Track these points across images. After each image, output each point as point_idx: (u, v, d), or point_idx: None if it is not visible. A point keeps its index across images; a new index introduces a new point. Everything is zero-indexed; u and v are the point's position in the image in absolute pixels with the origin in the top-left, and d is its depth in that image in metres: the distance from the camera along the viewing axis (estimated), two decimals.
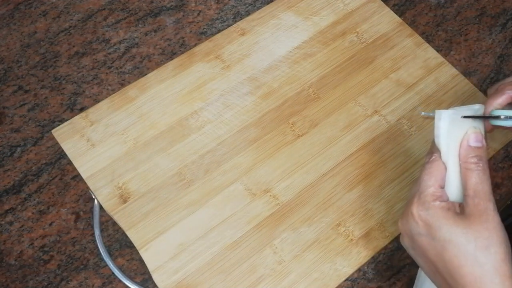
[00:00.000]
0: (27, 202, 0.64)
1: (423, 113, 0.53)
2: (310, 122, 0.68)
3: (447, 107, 0.69)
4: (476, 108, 0.51)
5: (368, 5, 0.76)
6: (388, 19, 0.76)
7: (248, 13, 0.76)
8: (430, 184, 0.49)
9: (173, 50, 0.74)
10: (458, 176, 0.49)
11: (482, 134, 0.49)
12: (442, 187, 0.49)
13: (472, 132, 0.49)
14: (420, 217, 0.48)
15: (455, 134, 0.49)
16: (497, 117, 0.51)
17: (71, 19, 0.76)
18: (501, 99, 0.53)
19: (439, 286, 0.49)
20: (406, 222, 0.50)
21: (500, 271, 0.45)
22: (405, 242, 0.52)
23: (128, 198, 0.63)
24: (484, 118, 0.51)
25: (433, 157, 0.50)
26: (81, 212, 0.64)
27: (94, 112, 0.68)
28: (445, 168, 0.49)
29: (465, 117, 0.50)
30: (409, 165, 0.66)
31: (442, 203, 0.48)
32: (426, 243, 0.48)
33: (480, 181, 0.48)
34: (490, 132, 0.55)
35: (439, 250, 0.47)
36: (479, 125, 0.50)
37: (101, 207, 0.63)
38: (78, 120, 0.67)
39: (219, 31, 0.75)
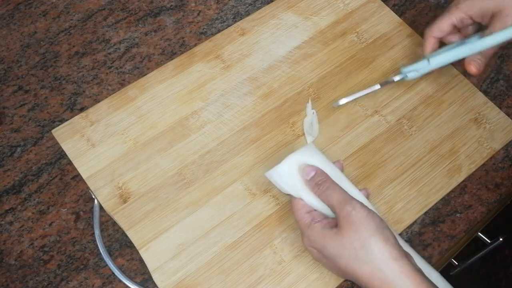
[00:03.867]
0: (27, 202, 0.64)
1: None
2: None
3: (447, 107, 0.69)
4: (306, 148, 0.59)
5: (368, 5, 0.76)
6: (388, 19, 0.76)
7: (248, 13, 0.76)
8: (297, 217, 0.56)
9: (173, 50, 0.74)
10: (319, 201, 0.56)
11: (309, 166, 0.57)
12: (309, 211, 0.56)
13: (301, 171, 0.57)
14: (309, 245, 0.55)
15: (293, 175, 0.57)
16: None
17: (71, 19, 0.76)
18: (429, 43, 0.67)
19: None
20: (309, 254, 0.57)
21: (383, 259, 0.50)
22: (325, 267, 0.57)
23: (128, 198, 0.63)
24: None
25: (291, 200, 0.58)
26: (81, 212, 0.64)
27: (94, 112, 0.68)
28: (301, 200, 0.56)
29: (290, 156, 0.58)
30: (409, 165, 0.66)
31: (316, 224, 0.54)
32: (326, 264, 0.55)
33: (330, 197, 0.54)
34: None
35: (336, 266, 0.53)
36: (305, 160, 0.58)
37: (101, 207, 0.63)
38: (78, 120, 0.67)
39: (219, 31, 0.75)
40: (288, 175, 0.57)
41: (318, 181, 0.56)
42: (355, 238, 0.51)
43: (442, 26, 0.65)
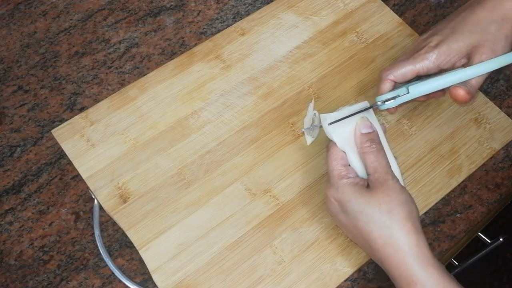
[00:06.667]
0: (27, 202, 0.64)
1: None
2: None
3: (447, 107, 0.69)
4: (361, 105, 0.59)
5: (368, 5, 0.76)
6: (388, 19, 0.76)
7: (248, 13, 0.76)
8: (333, 166, 0.57)
9: (173, 50, 0.74)
10: (359, 160, 0.57)
11: (370, 122, 0.58)
12: (345, 165, 0.57)
13: (361, 122, 0.58)
14: (333, 197, 0.56)
15: (347, 126, 0.58)
16: (372, 107, 0.60)
17: (71, 19, 0.76)
18: (385, 86, 0.62)
19: (370, 255, 0.57)
20: (328, 206, 0.58)
21: (404, 228, 0.52)
22: (337, 223, 0.59)
23: (128, 198, 0.63)
24: (351, 116, 0.58)
25: (329, 145, 0.58)
26: (81, 212, 0.64)
27: (94, 112, 0.68)
28: (342, 151, 0.57)
29: (330, 123, 0.58)
30: (409, 165, 0.66)
31: (349, 180, 0.55)
32: (344, 220, 0.56)
33: (376, 159, 0.55)
34: (394, 112, 0.66)
35: (353, 223, 0.55)
36: (367, 115, 0.58)
37: (101, 207, 0.63)
38: (78, 120, 0.67)
39: (219, 31, 0.75)
40: (343, 124, 0.58)
41: (373, 139, 0.56)
42: (384, 201, 0.53)
43: (407, 73, 0.61)
